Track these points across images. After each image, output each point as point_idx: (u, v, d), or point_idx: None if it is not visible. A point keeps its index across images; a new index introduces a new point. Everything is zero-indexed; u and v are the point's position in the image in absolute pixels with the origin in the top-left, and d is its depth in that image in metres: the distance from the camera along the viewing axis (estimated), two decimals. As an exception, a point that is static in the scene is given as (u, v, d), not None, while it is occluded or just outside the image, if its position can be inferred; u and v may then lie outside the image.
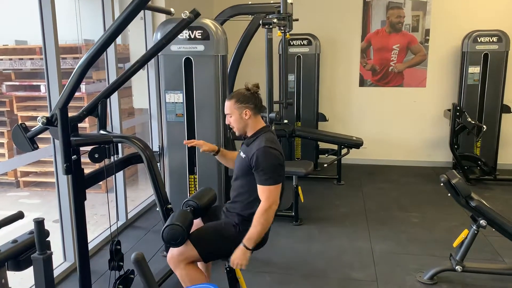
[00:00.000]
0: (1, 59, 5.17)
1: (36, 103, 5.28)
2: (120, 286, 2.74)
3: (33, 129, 2.51)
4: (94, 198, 4.87)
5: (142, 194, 5.03)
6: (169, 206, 2.61)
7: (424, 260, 3.40)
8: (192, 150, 3.30)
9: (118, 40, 5.06)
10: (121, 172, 3.96)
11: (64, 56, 4.71)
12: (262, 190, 2.28)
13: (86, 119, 4.89)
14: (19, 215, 1.70)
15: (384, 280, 3.14)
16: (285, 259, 3.45)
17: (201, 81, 3.17)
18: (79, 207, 2.67)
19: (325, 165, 5.26)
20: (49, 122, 2.40)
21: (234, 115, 2.38)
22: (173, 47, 3.13)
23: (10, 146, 5.17)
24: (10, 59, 5.15)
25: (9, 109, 5.22)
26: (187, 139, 3.26)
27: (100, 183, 4.80)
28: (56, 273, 3.16)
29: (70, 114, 2.42)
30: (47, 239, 1.73)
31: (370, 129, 6.11)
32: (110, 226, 2.82)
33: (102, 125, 2.73)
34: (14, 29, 5.40)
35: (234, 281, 2.54)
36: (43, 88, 5.01)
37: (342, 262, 3.42)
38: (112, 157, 2.64)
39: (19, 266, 1.66)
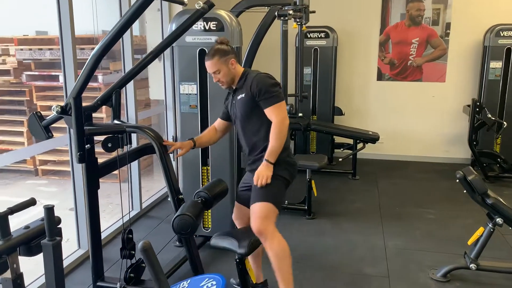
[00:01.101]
0: (22, 49, 5.25)
1: (55, 92, 5.36)
2: (131, 275, 2.77)
3: (48, 117, 2.54)
4: (110, 188, 4.91)
5: (157, 185, 5.07)
6: (180, 196, 2.62)
7: (438, 257, 3.34)
8: (205, 141, 3.30)
9: (135, 31, 5.09)
10: (136, 162, 4.00)
11: (82, 47, 4.76)
12: (271, 110, 2.40)
13: (103, 109, 5.01)
14: (31, 202, 1.72)
15: (396, 276, 3.11)
16: (296, 252, 3.42)
17: (215, 72, 3.16)
18: (92, 196, 2.71)
19: (340, 159, 5.22)
20: (64, 111, 2.42)
21: (223, 69, 2.47)
22: (188, 38, 3.13)
23: (29, 135, 5.26)
24: (30, 49, 5.23)
25: (28, 98, 5.31)
26: (201, 131, 3.27)
27: (116, 172, 4.89)
28: (70, 260, 3.22)
29: (84, 104, 2.45)
30: (58, 226, 1.75)
31: (387, 124, 6.03)
32: (123, 216, 2.85)
33: (116, 115, 2.76)
34: (35, 20, 5.48)
35: (244, 273, 2.54)
36: (61, 78, 5.07)
37: (354, 257, 3.40)
38: (125, 146, 2.67)
39: (31, 251, 1.68)
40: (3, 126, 5.39)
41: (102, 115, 5.01)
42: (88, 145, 2.54)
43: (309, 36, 5.59)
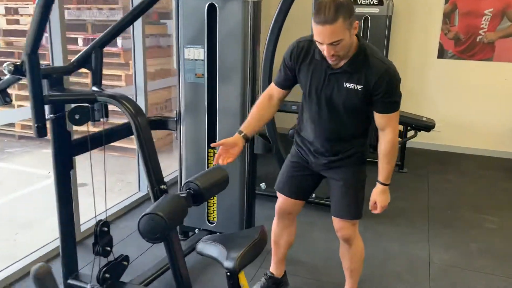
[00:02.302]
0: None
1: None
2: (106, 275, 2.29)
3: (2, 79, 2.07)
4: (126, 163, 4.53)
5: (175, 164, 4.60)
6: (162, 187, 2.08)
7: (496, 281, 2.64)
8: (213, 119, 2.74)
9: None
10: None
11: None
12: (390, 119, 1.92)
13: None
14: None
15: (439, 304, 2.44)
16: (315, 259, 2.83)
17: (226, 33, 2.56)
18: (62, 178, 2.24)
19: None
20: (18, 71, 1.93)
21: (346, 37, 1.73)
22: (195, -10, 2.54)
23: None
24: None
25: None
26: (207, 104, 2.71)
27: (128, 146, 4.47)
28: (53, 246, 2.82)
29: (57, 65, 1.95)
30: None
31: (446, 110, 5.17)
32: (106, 210, 2.38)
33: (96, 80, 2.24)
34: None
35: (236, 290, 1.99)
36: (80, 42, 4.67)
37: (387, 271, 2.75)
38: (102, 120, 2.15)
39: None
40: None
41: (122, 84, 4.57)
42: (52, 115, 2.06)
43: (358, 2, 4.81)
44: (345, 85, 1.88)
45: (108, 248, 2.29)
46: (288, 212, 2.29)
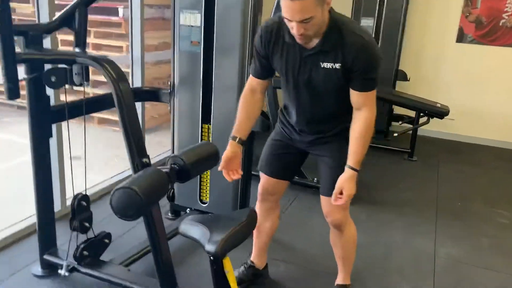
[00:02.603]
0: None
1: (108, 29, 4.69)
2: (84, 252, 2.14)
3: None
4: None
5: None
6: (144, 160, 1.89)
7: (506, 280, 2.44)
8: (208, 92, 2.54)
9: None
10: (140, 107, 3.31)
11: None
12: (366, 97, 1.74)
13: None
14: None
15: (443, 302, 2.25)
16: (312, 247, 2.64)
17: (225, -1, 2.35)
18: (40, 146, 2.07)
19: (396, 134, 4.27)
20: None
21: (317, 14, 1.55)
22: None
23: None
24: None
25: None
26: (203, 76, 2.51)
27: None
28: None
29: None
30: None
31: (462, 97, 4.90)
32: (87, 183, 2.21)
33: (80, 42, 2.05)
34: None
35: (219, 277, 1.81)
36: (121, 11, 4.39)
37: (389, 264, 2.55)
38: (82, 85, 1.97)
39: None
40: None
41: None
42: (26, 76, 1.88)
43: (374, -20, 4.54)
44: (322, 66, 1.71)
45: (87, 224, 2.13)
46: (271, 193, 2.09)
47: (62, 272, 2.10)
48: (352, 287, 2.22)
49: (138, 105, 3.30)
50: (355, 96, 1.74)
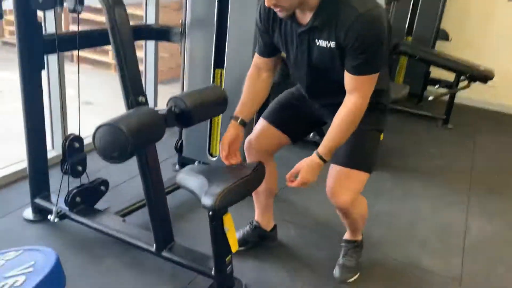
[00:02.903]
0: None
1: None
2: (77, 199, 1.96)
3: None
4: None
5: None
6: (140, 98, 1.66)
7: (548, 265, 2.15)
8: (221, 35, 2.26)
9: None
10: (152, 46, 3.06)
11: None
12: (360, 82, 1.48)
13: None
14: None
15: (473, 282, 1.98)
16: (328, 212, 2.38)
17: None
18: (31, 79, 1.87)
19: (430, 97, 3.91)
20: None
21: None
22: None
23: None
24: None
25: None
26: (217, 17, 2.23)
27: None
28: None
29: None
30: None
31: (507, 63, 4.44)
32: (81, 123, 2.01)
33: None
34: None
35: (219, 234, 1.60)
36: None
37: (413, 237, 2.30)
38: (75, 11, 1.72)
39: None
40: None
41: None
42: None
43: None
44: (317, 44, 1.50)
45: (80, 168, 1.94)
46: (260, 147, 1.81)
47: (51, 218, 1.94)
48: (365, 257, 1.99)
49: (151, 46, 3.06)
50: (347, 77, 1.49)
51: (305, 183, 1.54)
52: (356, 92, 1.49)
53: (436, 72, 4.34)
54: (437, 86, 4.40)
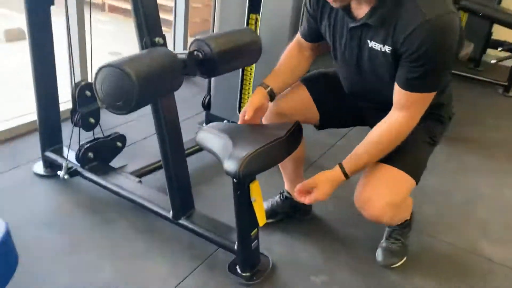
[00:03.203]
0: None
1: None
2: (90, 154, 1.76)
3: None
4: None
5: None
6: (157, 39, 1.38)
7: None
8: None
9: None
10: None
11: None
12: (412, 100, 1.23)
13: None
14: None
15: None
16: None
17: None
18: (37, 16, 1.63)
19: (493, 61, 3.47)
20: None
21: None
22: None
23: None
24: None
25: None
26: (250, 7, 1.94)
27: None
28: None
29: None
30: None
31: None
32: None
33: None
34: None
35: (244, 204, 1.36)
36: None
37: (470, 218, 1.99)
38: None
39: None
40: None
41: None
42: None
43: None
44: (369, 44, 1.26)
45: (92, 120, 1.73)
46: (283, 110, 1.52)
47: (61, 174, 1.75)
48: (413, 227, 1.72)
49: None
50: (396, 91, 1.25)
51: (319, 199, 1.30)
52: (404, 111, 1.25)
53: (498, 33, 3.85)
54: (499, 49, 3.91)
